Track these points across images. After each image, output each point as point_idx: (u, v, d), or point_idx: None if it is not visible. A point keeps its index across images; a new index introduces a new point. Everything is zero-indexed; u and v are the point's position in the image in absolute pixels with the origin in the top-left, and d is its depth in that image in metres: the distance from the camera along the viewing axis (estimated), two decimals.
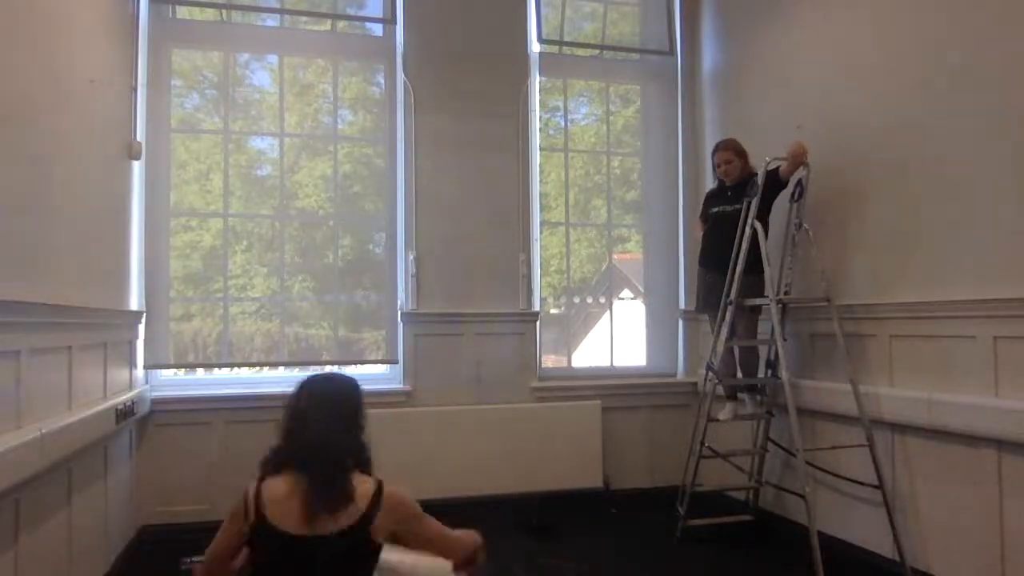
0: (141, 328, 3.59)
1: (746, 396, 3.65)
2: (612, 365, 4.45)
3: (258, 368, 4.04)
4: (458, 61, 4.14)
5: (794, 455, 3.19)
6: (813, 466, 3.25)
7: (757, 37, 3.96)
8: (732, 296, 3.39)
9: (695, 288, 3.88)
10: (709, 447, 3.54)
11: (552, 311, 4.52)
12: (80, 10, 2.79)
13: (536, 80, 4.32)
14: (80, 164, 2.75)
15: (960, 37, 2.72)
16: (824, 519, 3.17)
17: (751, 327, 3.59)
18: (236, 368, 4.00)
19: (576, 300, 4.60)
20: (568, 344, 4.46)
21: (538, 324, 4.23)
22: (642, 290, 4.61)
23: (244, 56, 4.08)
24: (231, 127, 3.95)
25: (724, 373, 3.54)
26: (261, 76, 4.16)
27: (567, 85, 4.52)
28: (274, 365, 3.99)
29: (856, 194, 3.21)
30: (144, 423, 3.56)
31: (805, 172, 3.33)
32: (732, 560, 3.34)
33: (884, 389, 2.99)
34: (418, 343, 4.02)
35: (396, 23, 4.12)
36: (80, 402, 2.62)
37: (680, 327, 4.50)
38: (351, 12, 4.32)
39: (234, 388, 3.83)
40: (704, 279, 3.74)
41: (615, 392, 4.28)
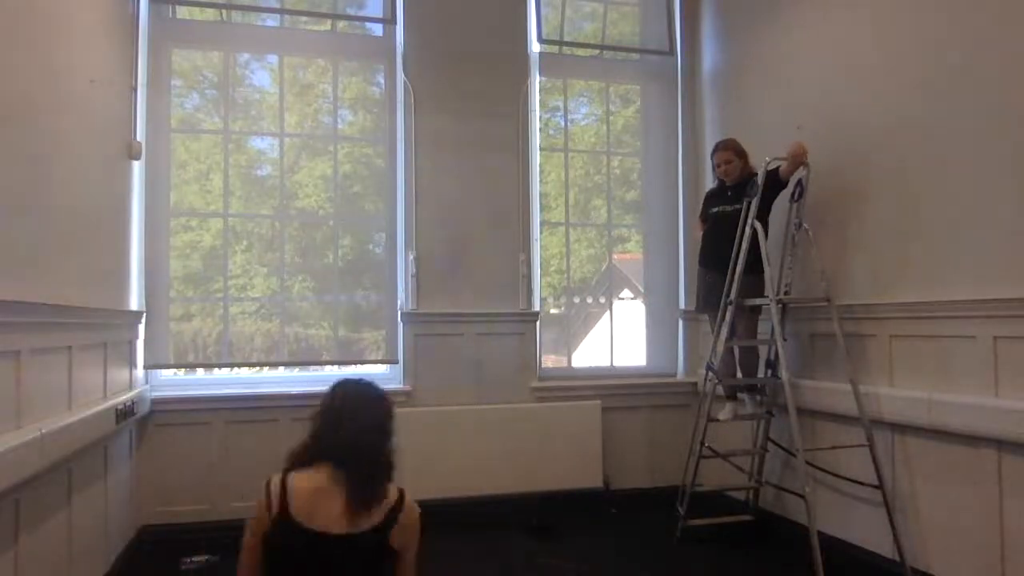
0: (141, 328, 3.59)
1: (746, 396, 3.65)
2: (612, 365, 4.45)
3: (258, 368, 4.04)
4: (458, 61, 4.14)
5: (794, 455, 3.19)
6: (813, 466, 3.25)
7: (757, 37, 3.96)
8: (732, 296, 3.40)
9: (695, 288, 3.88)
10: (709, 447, 3.54)
11: (552, 311, 4.52)
12: (80, 10, 2.79)
13: (536, 80, 4.32)
14: (80, 164, 2.75)
15: (960, 37, 2.72)
16: (824, 519, 3.17)
17: (751, 327, 3.59)
18: (236, 368, 4.00)
19: (576, 300, 4.60)
20: (568, 344, 4.46)
21: (538, 324, 4.23)
22: (642, 290, 4.61)
23: (244, 56, 4.08)
24: (231, 127, 3.95)
25: (724, 373, 3.54)
26: (261, 76, 4.16)
27: (567, 85, 4.52)
28: (274, 365, 3.99)
29: (856, 194, 3.21)
30: (144, 423, 3.56)
31: (805, 172, 3.33)
32: (732, 560, 3.35)
33: (884, 389, 2.99)
34: (418, 343, 4.02)
35: (396, 23, 4.12)
36: (80, 402, 2.62)
37: (680, 327, 4.51)
38: (351, 12, 4.32)
39: (234, 388, 3.83)
40: (704, 279, 3.74)
41: (615, 392, 4.28)
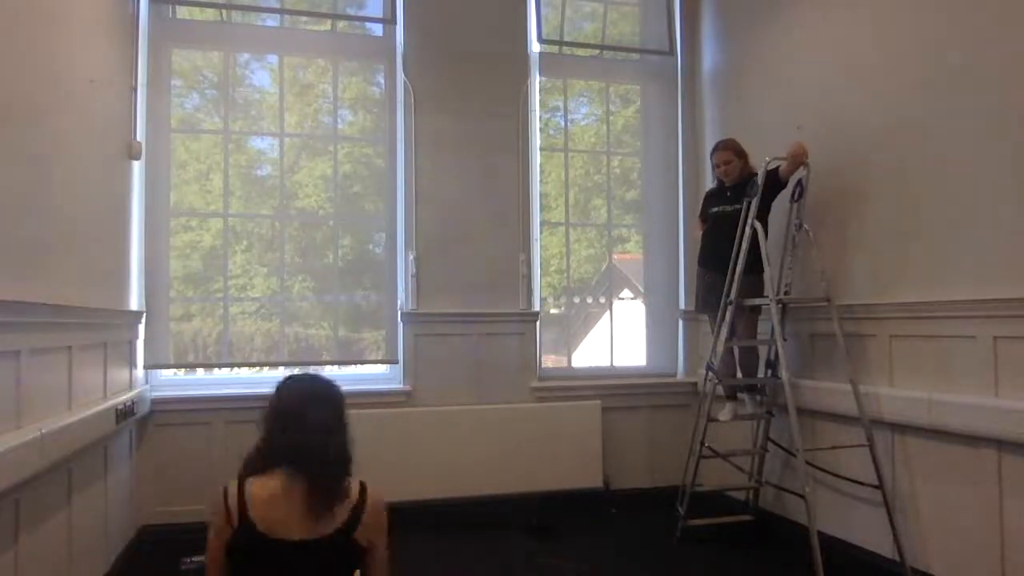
0: (141, 328, 3.59)
1: (746, 396, 3.65)
2: (612, 365, 4.45)
3: (258, 368, 4.04)
4: (458, 61, 4.14)
5: (794, 455, 3.19)
6: (813, 466, 3.25)
7: (757, 37, 3.96)
8: (732, 296, 3.40)
9: (695, 288, 3.88)
10: (709, 447, 3.54)
11: (552, 311, 4.52)
12: (80, 10, 2.79)
13: (536, 80, 4.32)
14: (80, 164, 2.74)
15: (960, 37, 2.72)
16: (824, 519, 3.17)
17: (751, 327, 3.59)
18: (236, 368, 4.00)
19: (576, 300, 4.60)
20: (568, 344, 4.46)
21: (538, 324, 4.23)
22: (642, 290, 4.61)
23: (244, 56, 4.08)
24: (231, 127, 3.95)
25: (724, 373, 3.54)
26: (261, 76, 4.16)
27: (567, 85, 4.52)
28: (274, 365, 3.98)
29: (856, 194, 3.21)
30: (144, 423, 3.56)
31: (805, 172, 3.33)
32: (732, 560, 3.35)
33: (884, 389, 2.99)
34: (418, 343, 4.01)
35: (396, 23, 4.12)
36: (80, 402, 2.62)
37: (680, 327, 4.50)
38: (351, 12, 4.32)
39: (234, 388, 3.83)
40: (704, 279, 3.74)
41: (615, 392, 4.28)
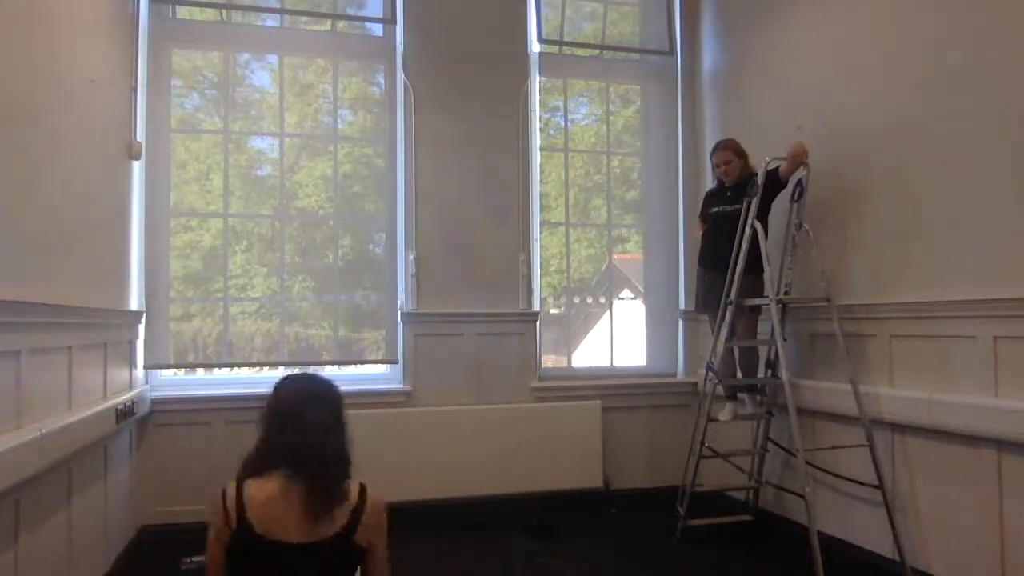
0: (141, 328, 3.59)
1: (746, 396, 3.65)
2: (612, 365, 4.45)
3: (258, 368, 4.04)
4: (458, 61, 4.14)
5: (794, 455, 3.19)
6: (813, 466, 3.25)
7: (757, 37, 3.96)
8: (732, 296, 3.40)
9: (695, 288, 3.88)
10: (709, 447, 3.54)
11: (552, 311, 4.52)
12: (80, 10, 2.79)
13: (536, 80, 4.32)
14: (80, 164, 2.74)
15: (960, 37, 2.72)
16: (824, 519, 3.17)
17: (751, 327, 3.59)
18: (236, 368, 4.00)
19: (576, 300, 4.60)
20: (568, 344, 4.46)
21: (538, 324, 4.23)
22: (642, 290, 4.61)
23: (244, 56, 4.08)
24: (231, 127, 3.95)
25: (724, 373, 3.54)
26: (261, 76, 4.16)
27: (567, 85, 4.52)
28: (274, 365, 3.98)
29: (856, 194, 3.20)
30: (144, 423, 3.56)
31: (805, 172, 3.33)
32: (732, 560, 3.35)
33: (884, 389, 2.99)
34: (418, 343, 4.01)
35: (396, 23, 4.12)
36: (80, 402, 2.62)
37: (680, 327, 4.50)
38: (351, 12, 4.32)
39: (234, 388, 3.83)
40: (703, 279, 3.74)
41: (615, 392, 4.27)
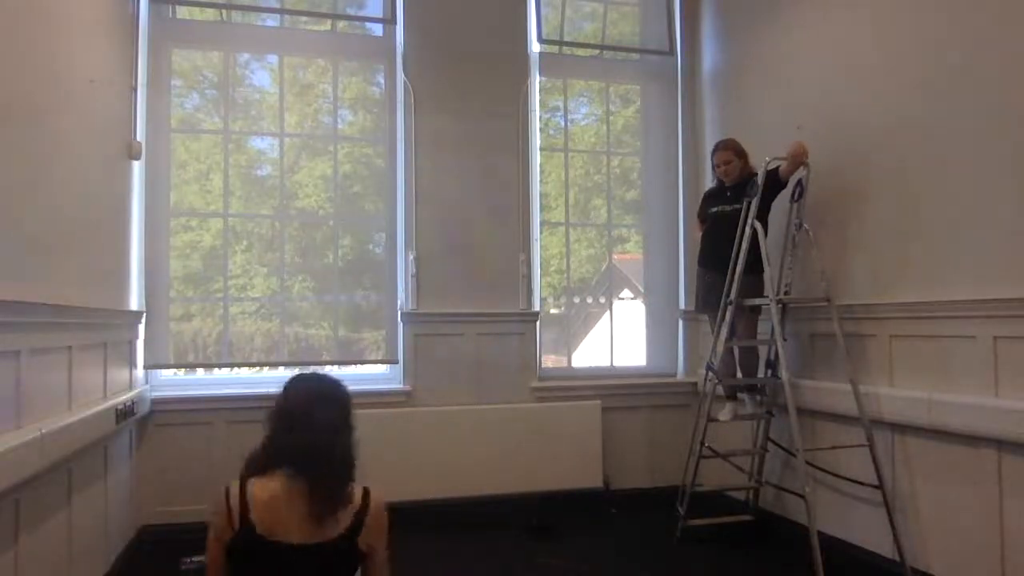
0: (141, 328, 3.59)
1: (746, 396, 3.65)
2: (612, 365, 4.45)
3: (258, 368, 4.04)
4: (458, 61, 4.14)
5: (794, 455, 3.19)
6: (813, 466, 3.25)
7: (757, 37, 3.96)
8: (732, 296, 3.40)
9: (695, 288, 3.88)
10: (709, 447, 3.54)
11: (552, 311, 4.52)
12: (80, 10, 2.79)
13: (536, 80, 4.31)
14: (80, 164, 2.74)
15: (960, 37, 2.72)
16: (824, 519, 3.17)
17: (751, 327, 3.59)
18: (236, 368, 4.00)
19: (576, 300, 4.60)
20: (568, 344, 4.46)
21: (538, 324, 4.23)
22: (642, 290, 4.61)
23: (244, 56, 4.08)
24: (231, 127, 3.95)
25: (724, 373, 3.54)
26: (261, 76, 4.16)
27: (567, 85, 4.52)
28: (274, 365, 3.98)
29: (856, 194, 3.20)
30: (144, 423, 3.56)
31: (805, 172, 3.33)
32: (732, 560, 3.35)
33: (884, 389, 2.99)
34: (418, 343, 4.01)
35: (396, 23, 4.12)
36: (80, 402, 2.62)
37: (680, 327, 4.50)
38: (351, 12, 4.32)
39: (234, 388, 3.83)
40: (703, 279, 3.74)
41: (615, 392, 4.27)
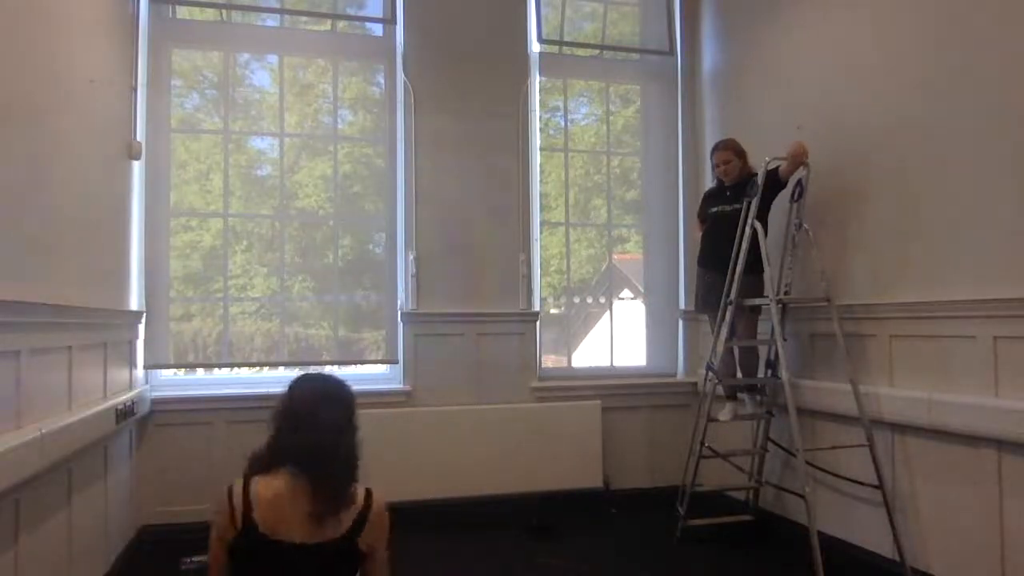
0: (141, 328, 3.59)
1: (746, 396, 3.65)
2: (612, 365, 4.45)
3: (258, 368, 4.04)
4: (458, 61, 4.14)
5: (794, 455, 3.19)
6: (813, 466, 3.25)
7: (757, 37, 3.96)
8: (732, 296, 3.40)
9: (695, 288, 3.88)
10: (709, 447, 3.54)
11: (552, 311, 4.52)
12: (80, 10, 2.79)
13: (536, 80, 4.31)
14: (80, 164, 2.74)
15: (960, 37, 2.72)
16: (824, 519, 3.17)
17: (751, 327, 3.59)
18: (236, 368, 4.00)
19: (576, 300, 4.60)
20: (568, 344, 4.46)
21: (538, 324, 4.23)
22: (642, 290, 4.61)
23: (244, 56, 4.08)
24: (231, 127, 3.95)
25: (724, 373, 3.54)
26: (261, 76, 4.16)
27: (567, 85, 4.52)
28: (274, 365, 3.98)
29: (856, 194, 3.20)
30: (144, 423, 3.56)
31: (805, 172, 3.33)
32: (732, 560, 3.35)
33: (884, 389, 2.99)
34: (418, 343, 4.01)
35: (396, 23, 4.12)
36: (80, 402, 2.62)
37: (680, 327, 4.50)
38: (351, 12, 4.32)
39: (234, 388, 3.83)
40: (703, 279, 3.74)
41: (615, 392, 4.27)
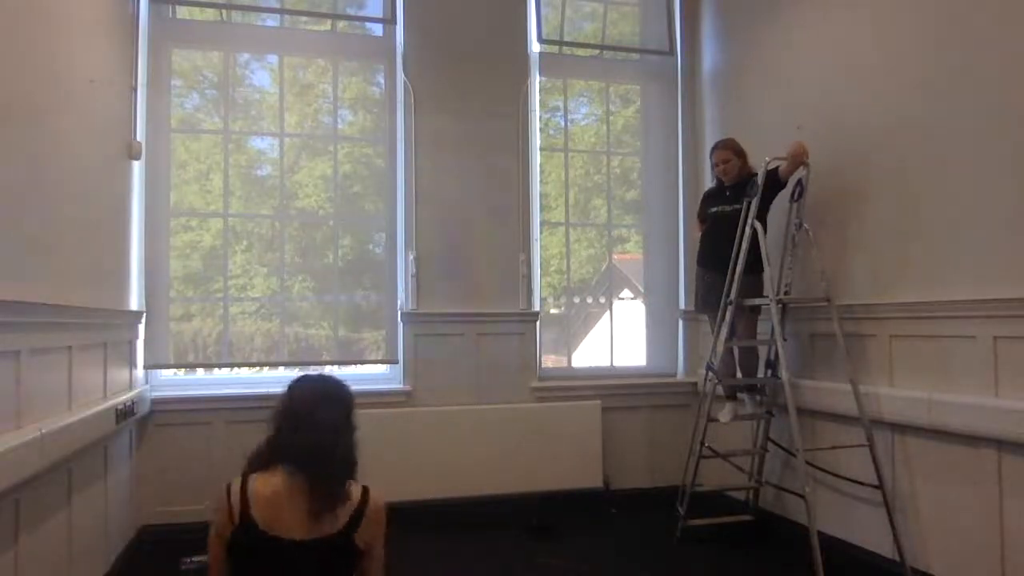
0: (141, 328, 3.59)
1: (746, 396, 3.65)
2: (612, 365, 4.45)
3: (258, 368, 4.04)
4: (458, 61, 4.14)
5: (794, 455, 3.19)
6: (813, 466, 3.25)
7: (757, 37, 3.96)
8: (732, 296, 3.40)
9: (695, 288, 3.88)
10: (709, 447, 3.54)
11: (552, 311, 4.52)
12: (80, 10, 2.79)
13: (536, 80, 4.31)
14: (80, 164, 2.74)
15: (960, 37, 2.72)
16: (824, 519, 3.17)
17: (751, 327, 3.59)
18: (236, 368, 4.00)
19: (576, 300, 4.60)
20: (568, 344, 4.46)
21: (538, 324, 4.23)
22: (642, 290, 4.61)
23: (244, 56, 4.08)
24: (231, 127, 3.95)
25: (724, 373, 3.54)
26: (261, 76, 4.16)
27: (567, 85, 4.52)
28: (274, 365, 3.99)
29: (856, 194, 3.20)
30: (144, 423, 3.56)
31: (805, 172, 3.33)
32: (732, 560, 3.35)
33: (884, 389, 2.99)
34: (418, 343, 4.01)
35: (396, 23, 4.12)
36: (80, 402, 2.62)
37: (680, 327, 4.50)
38: (351, 12, 4.32)
39: (234, 388, 3.83)
40: (703, 279, 3.74)
41: (615, 392, 4.27)
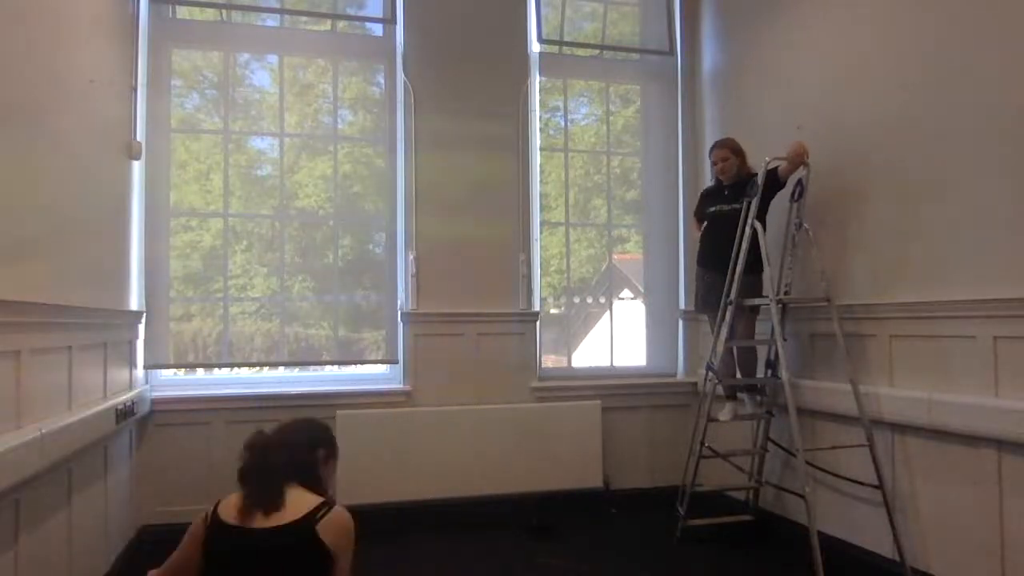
0: (141, 328, 3.60)
1: (746, 396, 3.65)
2: (612, 365, 4.45)
3: (258, 368, 4.04)
4: (458, 61, 4.14)
5: (794, 455, 3.19)
6: (813, 466, 3.25)
7: (757, 37, 3.96)
8: (732, 296, 3.40)
9: (695, 288, 3.88)
10: (709, 447, 3.54)
11: (552, 311, 4.52)
12: (80, 10, 2.79)
13: (536, 80, 4.31)
14: (80, 164, 2.75)
15: (960, 37, 2.72)
16: (824, 519, 3.17)
17: (751, 327, 3.59)
18: (236, 368, 4.00)
19: (576, 300, 4.60)
20: (568, 344, 4.46)
21: (538, 324, 4.23)
22: (642, 290, 4.61)
23: (244, 56, 4.08)
24: (231, 127, 3.95)
25: (724, 373, 3.54)
26: (261, 76, 4.16)
27: (567, 85, 4.52)
28: (274, 365, 3.99)
29: (856, 194, 3.21)
30: (144, 423, 3.56)
31: (805, 172, 3.33)
32: (732, 560, 3.35)
33: (884, 389, 2.99)
34: (418, 343, 4.01)
35: (396, 23, 4.12)
36: (80, 402, 2.62)
37: (680, 327, 4.50)
38: (351, 12, 4.32)
39: (234, 388, 3.83)
40: (703, 279, 3.74)
41: (615, 392, 4.28)
